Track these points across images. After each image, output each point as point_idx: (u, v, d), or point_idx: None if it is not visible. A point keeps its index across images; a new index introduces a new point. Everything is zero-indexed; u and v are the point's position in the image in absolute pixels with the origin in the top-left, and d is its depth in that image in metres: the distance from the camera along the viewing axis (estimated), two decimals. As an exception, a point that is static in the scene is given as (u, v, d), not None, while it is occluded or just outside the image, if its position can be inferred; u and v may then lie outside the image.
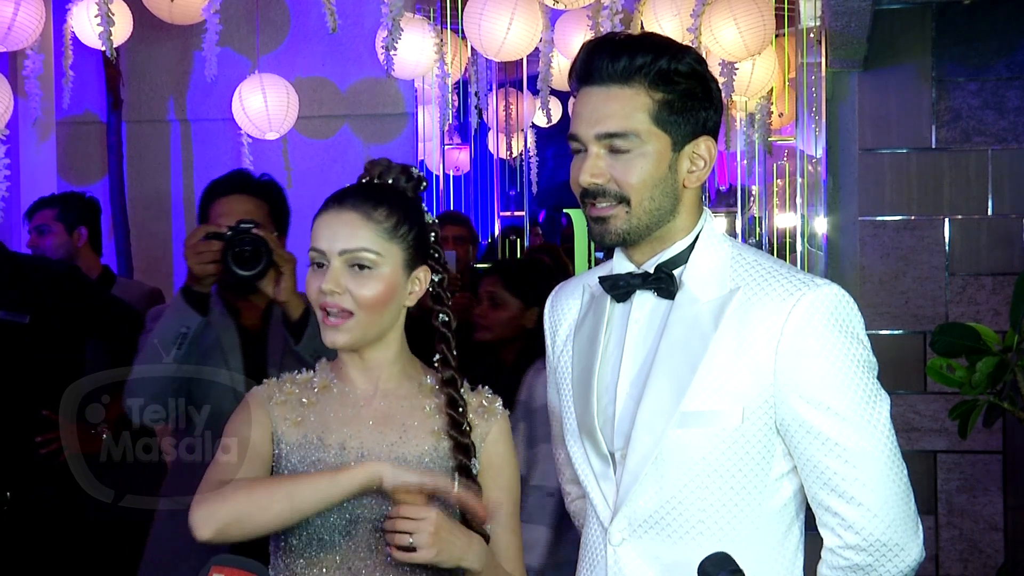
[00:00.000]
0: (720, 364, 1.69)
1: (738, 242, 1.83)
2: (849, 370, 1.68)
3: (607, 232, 1.73)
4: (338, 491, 1.76)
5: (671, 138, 1.72)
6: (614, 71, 1.70)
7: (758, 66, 4.65)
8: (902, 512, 1.69)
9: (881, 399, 1.70)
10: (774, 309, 1.68)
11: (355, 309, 1.84)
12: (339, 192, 1.90)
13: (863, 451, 1.67)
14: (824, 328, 1.67)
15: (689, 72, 1.71)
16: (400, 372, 1.93)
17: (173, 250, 5.53)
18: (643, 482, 1.71)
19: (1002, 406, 2.96)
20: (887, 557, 1.69)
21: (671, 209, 1.74)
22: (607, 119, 1.70)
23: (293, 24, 5.49)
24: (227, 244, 2.63)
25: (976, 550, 4.78)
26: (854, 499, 1.68)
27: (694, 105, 1.72)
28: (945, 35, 4.87)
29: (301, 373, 1.95)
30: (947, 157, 4.88)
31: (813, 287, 1.69)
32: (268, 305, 2.83)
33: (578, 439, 1.82)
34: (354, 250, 1.83)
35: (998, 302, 4.75)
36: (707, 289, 1.73)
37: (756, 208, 5.40)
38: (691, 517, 1.71)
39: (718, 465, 1.70)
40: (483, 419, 1.93)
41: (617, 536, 1.75)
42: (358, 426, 1.88)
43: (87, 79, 5.28)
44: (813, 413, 1.67)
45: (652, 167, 1.71)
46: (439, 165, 5.67)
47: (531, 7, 4.39)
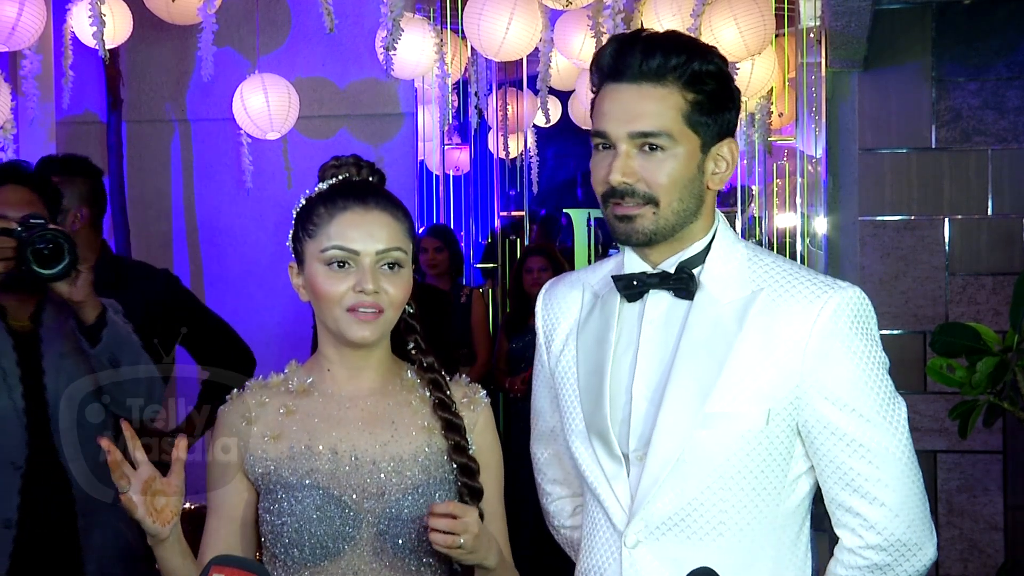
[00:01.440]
0: (745, 365, 1.69)
1: (752, 244, 1.83)
2: (872, 372, 1.69)
3: (634, 232, 1.71)
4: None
5: (701, 139, 1.71)
6: (648, 69, 1.68)
7: (758, 66, 4.66)
8: (920, 512, 1.72)
9: (900, 400, 1.72)
10: (801, 311, 1.68)
11: (387, 307, 1.83)
12: (343, 189, 1.87)
13: (886, 452, 1.69)
14: (850, 330, 1.69)
15: (717, 73, 1.71)
16: (386, 370, 1.92)
17: (173, 250, 5.54)
18: (664, 484, 1.70)
19: (1002, 406, 2.96)
20: (905, 557, 1.71)
21: (696, 210, 1.74)
22: (641, 118, 1.68)
23: (293, 24, 5.49)
24: (25, 241, 2.46)
25: (976, 550, 4.78)
26: (876, 499, 1.69)
27: (721, 106, 1.72)
28: (945, 35, 4.86)
29: (270, 377, 1.91)
30: (947, 157, 4.88)
31: (839, 289, 1.70)
32: (39, 304, 2.66)
33: (586, 440, 1.80)
34: (390, 249, 1.82)
35: (998, 302, 4.75)
36: (727, 290, 1.73)
37: (756, 208, 5.40)
38: (712, 519, 1.71)
39: (741, 466, 1.69)
40: (469, 410, 1.93)
41: (632, 538, 1.74)
42: (347, 428, 1.86)
43: (87, 79, 5.27)
44: (838, 414, 1.68)
45: (682, 168, 1.70)
46: (439, 165, 5.67)
47: (530, 7, 4.39)
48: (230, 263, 5.50)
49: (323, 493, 1.82)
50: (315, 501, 1.82)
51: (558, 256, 5.51)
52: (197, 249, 5.55)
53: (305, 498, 1.82)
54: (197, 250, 5.55)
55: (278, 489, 1.84)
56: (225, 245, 5.53)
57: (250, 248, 5.42)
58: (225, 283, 5.50)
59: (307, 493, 1.82)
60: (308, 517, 1.81)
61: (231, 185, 5.41)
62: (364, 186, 1.89)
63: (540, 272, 5.27)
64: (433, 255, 5.33)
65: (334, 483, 1.83)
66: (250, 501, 1.88)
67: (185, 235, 5.56)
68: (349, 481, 1.83)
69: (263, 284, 5.31)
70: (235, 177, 5.30)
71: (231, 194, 5.43)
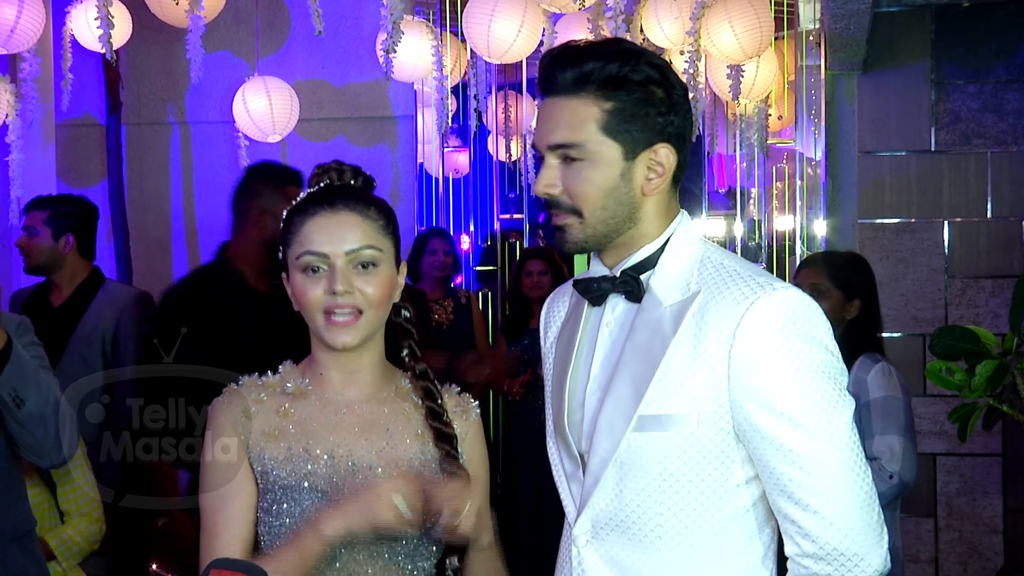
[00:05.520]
0: (676, 368, 1.67)
1: (713, 245, 1.80)
2: (806, 375, 1.63)
3: (564, 241, 1.74)
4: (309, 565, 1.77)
5: (622, 147, 1.70)
6: (564, 81, 1.70)
7: (762, 68, 4.66)
8: (862, 521, 1.64)
9: (842, 405, 1.65)
10: (728, 312, 1.65)
11: (365, 307, 1.83)
12: (316, 196, 1.88)
13: (819, 458, 1.62)
14: (779, 332, 1.64)
15: (644, 79, 1.69)
16: (381, 375, 1.92)
17: (172, 252, 5.54)
18: (603, 484, 1.72)
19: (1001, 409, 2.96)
20: (846, 567, 1.65)
21: (628, 217, 1.72)
22: (556, 129, 1.70)
23: (292, 27, 5.49)
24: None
25: (976, 552, 4.78)
26: (810, 507, 1.63)
27: (649, 112, 1.70)
28: (944, 38, 4.87)
29: (266, 376, 1.91)
30: (946, 160, 4.88)
31: (769, 290, 1.66)
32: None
33: (554, 440, 1.85)
34: (360, 249, 1.83)
35: (997, 305, 4.76)
36: (671, 293, 1.72)
37: (755, 211, 5.40)
38: (649, 521, 1.71)
39: (675, 470, 1.68)
40: (461, 419, 1.94)
41: (582, 538, 1.76)
42: (344, 433, 1.86)
43: (86, 82, 5.28)
44: (767, 418, 1.64)
45: (601, 177, 1.70)
46: (439, 167, 5.67)
47: (537, 10, 4.40)
48: (229, 266, 5.50)
49: (321, 496, 1.83)
50: (313, 504, 1.83)
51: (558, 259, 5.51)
52: (196, 251, 5.55)
53: (303, 500, 1.83)
54: (196, 252, 5.55)
55: (276, 489, 1.84)
56: (224, 248, 5.53)
57: (249, 251, 5.42)
58: (224, 286, 5.49)
59: (304, 495, 1.83)
60: (305, 519, 1.82)
61: (230, 187, 5.40)
62: (335, 190, 1.90)
63: (540, 275, 5.25)
64: (444, 258, 5.31)
65: (331, 487, 1.84)
66: (251, 499, 1.88)
67: (184, 237, 5.56)
68: (346, 485, 1.84)
69: (262, 287, 5.31)
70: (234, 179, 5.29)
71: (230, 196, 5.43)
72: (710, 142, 5.60)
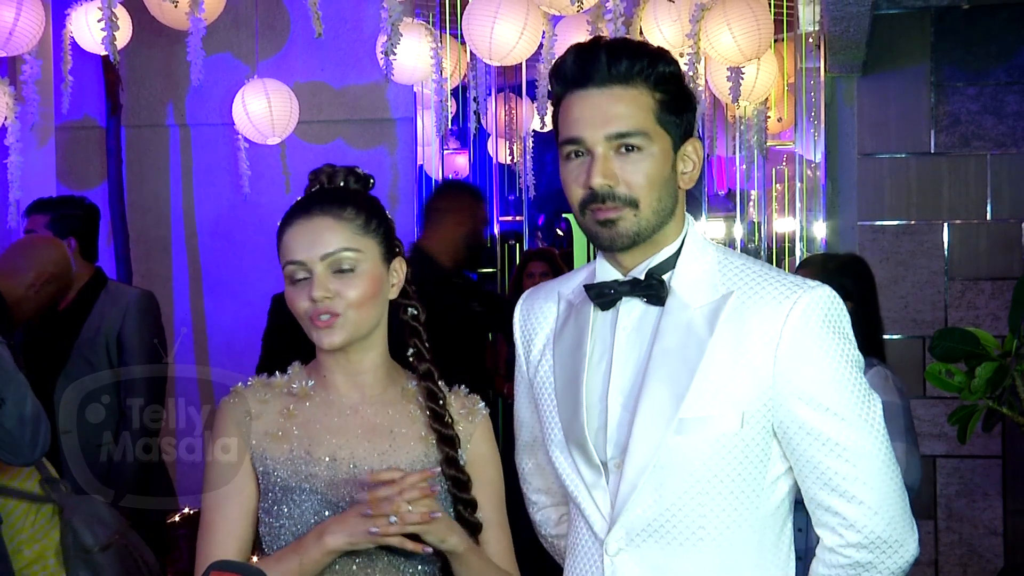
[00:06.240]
0: (718, 369, 1.69)
1: (722, 246, 1.83)
2: (845, 370, 1.69)
3: (617, 235, 1.71)
4: None
5: (671, 138, 1.73)
6: (617, 72, 1.70)
7: (761, 71, 4.65)
8: (900, 509, 1.72)
9: (875, 397, 1.72)
10: (771, 312, 1.69)
11: (343, 309, 1.83)
12: (297, 204, 1.89)
13: (863, 450, 1.69)
14: (820, 329, 1.69)
15: (678, 75, 1.75)
16: (385, 376, 1.92)
17: (172, 255, 5.53)
18: (641, 491, 1.71)
19: (1001, 411, 2.96)
20: (887, 554, 1.71)
21: (671, 211, 1.74)
22: (616, 119, 1.69)
23: (292, 29, 5.49)
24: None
25: (975, 555, 4.78)
26: (855, 498, 1.69)
27: (683, 107, 1.75)
28: (944, 40, 4.87)
29: (274, 377, 1.92)
30: (946, 162, 4.89)
31: (808, 289, 1.70)
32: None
33: (565, 450, 1.80)
34: (335, 252, 1.83)
35: (997, 307, 4.76)
36: (697, 294, 1.73)
37: (755, 213, 5.40)
38: (691, 524, 1.71)
39: (718, 470, 1.70)
40: (467, 420, 1.94)
41: (614, 546, 1.74)
42: (347, 436, 1.87)
43: (86, 84, 5.28)
44: (812, 414, 1.68)
45: (659, 167, 1.71)
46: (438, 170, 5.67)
47: (538, 12, 4.39)
48: (229, 268, 5.50)
49: (321, 499, 1.83)
50: (313, 506, 1.83)
51: (559, 261, 5.50)
52: (196, 254, 5.55)
53: (303, 502, 1.83)
54: (196, 255, 5.55)
55: (276, 490, 1.85)
56: (224, 250, 5.53)
57: (249, 253, 5.42)
58: (224, 288, 5.50)
59: (305, 497, 1.83)
60: (305, 521, 1.82)
61: (230, 190, 5.41)
62: (314, 196, 1.90)
63: (541, 277, 5.24)
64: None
65: (332, 489, 1.84)
66: (250, 499, 1.88)
67: (184, 240, 5.56)
68: (347, 488, 1.84)
69: (262, 289, 5.31)
70: (234, 182, 5.30)
71: (230, 199, 5.43)
72: (710, 144, 5.60)
